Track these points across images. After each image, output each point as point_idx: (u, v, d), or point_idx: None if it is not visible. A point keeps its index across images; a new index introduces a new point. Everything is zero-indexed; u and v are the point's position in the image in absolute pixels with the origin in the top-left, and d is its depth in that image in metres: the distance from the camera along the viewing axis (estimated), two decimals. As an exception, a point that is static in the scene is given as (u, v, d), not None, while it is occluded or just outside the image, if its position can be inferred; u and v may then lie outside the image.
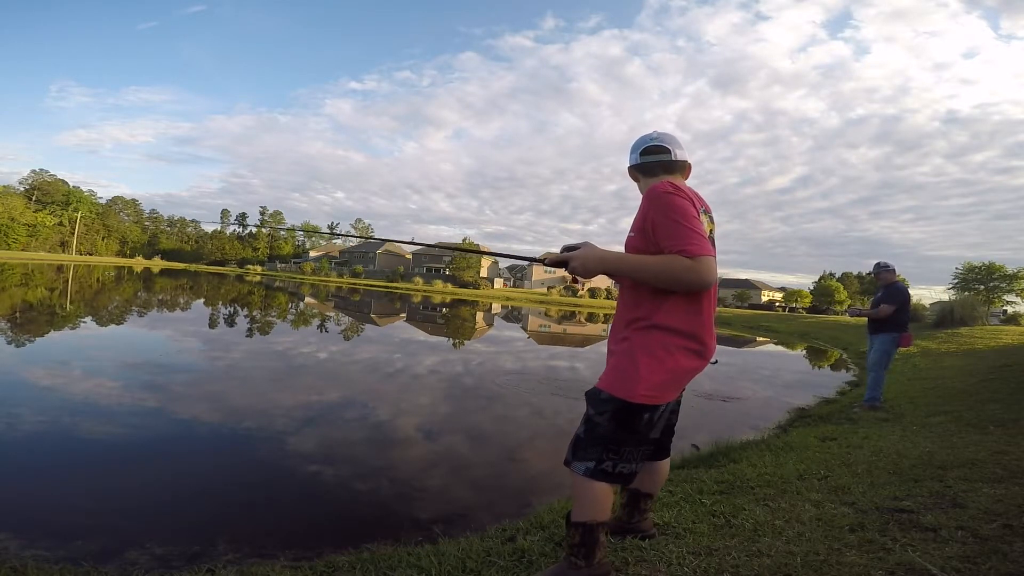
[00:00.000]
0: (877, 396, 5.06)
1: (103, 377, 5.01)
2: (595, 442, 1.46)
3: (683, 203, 1.40)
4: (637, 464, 1.49)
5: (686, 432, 4.24)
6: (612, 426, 1.44)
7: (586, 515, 1.46)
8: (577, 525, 1.47)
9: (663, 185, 1.44)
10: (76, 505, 2.50)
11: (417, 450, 3.66)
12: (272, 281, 42.78)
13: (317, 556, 1.91)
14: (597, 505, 1.46)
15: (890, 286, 5.17)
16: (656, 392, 1.44)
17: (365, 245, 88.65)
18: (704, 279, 1.34)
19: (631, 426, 1.45)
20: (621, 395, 1.43)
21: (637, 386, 1.42)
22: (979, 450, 2.92)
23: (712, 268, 1.35)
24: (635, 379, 1.43)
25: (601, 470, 1.45)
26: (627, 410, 1.43)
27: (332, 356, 7.56)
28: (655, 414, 1.47)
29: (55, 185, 78.23)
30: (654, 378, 1.43)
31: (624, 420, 1.44)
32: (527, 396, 5.59)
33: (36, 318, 9.54)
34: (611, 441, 1.44)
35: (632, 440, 1.46)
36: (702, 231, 1.38)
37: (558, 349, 11.31)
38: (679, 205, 1.39)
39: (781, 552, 1.67)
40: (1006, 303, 37.90)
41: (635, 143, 1.65)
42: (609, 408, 1.44)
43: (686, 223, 1.36)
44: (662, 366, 1.43)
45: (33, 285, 17.81)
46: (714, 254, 1.38)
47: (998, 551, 1.57)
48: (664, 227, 1.38)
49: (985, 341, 10.66)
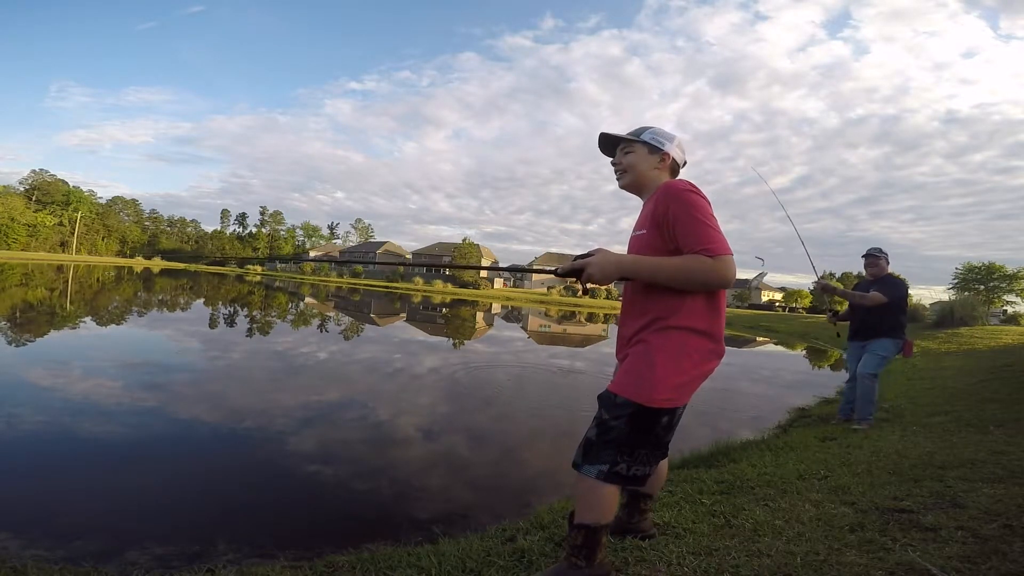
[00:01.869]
0: (872, 410, 4.22)
1: (103, 377, 5.01)
2: (609, 445, 1.41)
3: (704, 202, 1.41)
4: (651, 467, 1.46)
5: (686, 432, 4.24)
6: (628, 430, 1.40)
7: (591, 517, 1.43)
8: (581, 527, 1.44)
9: (683, 183, 1.45)
10: (76, 505, 2.50)
11: (417, 450, 3.66)
12: (272, 281, 42.80)
13: (317, 556, 1.91)
14: (604, 508, 1.44)
15: (884, 279, 4.26)
16: (675, 395, 1.41)
17: (365, 245, 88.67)
18: (727, 278, 1.34)
19: (649, 430, 1.41)
20: (639, 400, 1.39)
21: (656, 390, 1.39)
22: (979, 450, 2.92)
23: (733, 267, 1.35)
24: (653, 382, 1.39)
25: (615, 472, 1.41)
26: (645, 414, 1.40)
27: (332, 356, 7.56)
28: (673, 417, 1.45)
29: (55, 185, 78.25)
30: (673, 380, 1.40)
31: (641, 424, 1.41)
32: (527, 396, 5.59)
33: (36, 318, 9.54)
34: (626, 444, 1.41)
35: (649, 443, 1.43)
36: (720, 229, 1.38)
37: (558, 349, 11.30)
38: (698, 203, 1.39)
39: (781, 552, 1.67)
40: (1006, 303, 37.87)
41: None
42: (626, 412, 1.40)
43: (708, 222, 1.37)
44: (681, 368, 1.41)
45: (33, 285, 17.81)
46: (732, 253, 1.38)
47: (998, 551, 1.57)
48: (685, 225, 1.37)
49: (985, 341, 10.67)
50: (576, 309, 34.28)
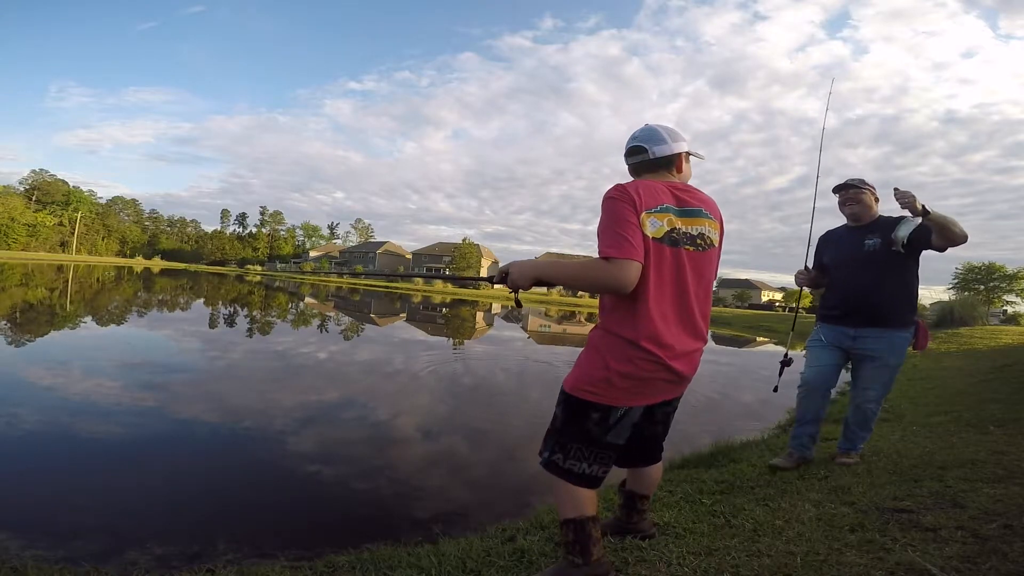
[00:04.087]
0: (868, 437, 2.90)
1: (103, 377, 5.01)
2: (550, 434, 1.52)
3: (618, 207, 1.37)
4: (591, 466, 1.45)
5: (686, 431, 4.25)
6: (562, 418, 1.49)
7: (571, 511, 1.46)
8: (567, 523, 1.47)
9: (611, 190, 1.43)
10: (76, 505, 2.50)
11: (417, 449, 3.66)
12: (272, 281, 42.77)
13: (317, 556, 1.91)
14: (575, 500, 1.46)
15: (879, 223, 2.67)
16: (596, 389, 1.42)
17: (365, 244, 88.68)
18: (620, 281, 1.31)
19: (578, 423, 1.46)
20: (567, 387, 1.50)
21: (579, 380, 1.46)
22: (979, 450, 2.92)
23: (629, 271, 1.30)
24: (577, 373, 1.48)
25: (552, 462, 1.48)
26: (570, 403, 1.48)
27: (332, 356, 7.56)
28: (609, 416, 1.44)
29: (55, 185, 78.28)
30: (593, 374, 1.44)
31: (571, 414, 1.47)
32: (527, 395, 5.59)
33: (36, 318, 9.54)
34: (561, 434, 1.48)
35: (580, 438, 1.45)
36: (630, 233, 1.33)
37: (559, 349, 11.29)
38: (612, 209, 1.38)
39: (781, 552, 1.67)
40: (1006, 303, 37.86)
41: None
42: (561, 400, 1.51)
43: (614, 227, 1.35)
44: (603, 363, 1.42)
45: (33, 285, 17.81)
46: (638, 258, 1.32)
47: (998, 551, 1.57)
48: (599, 231, 1.39)
49: (985, 341, 10.66)
50: (576, 309, 34.27)
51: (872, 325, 2.61)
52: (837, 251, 2.79)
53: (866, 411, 2.75)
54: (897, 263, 2.56)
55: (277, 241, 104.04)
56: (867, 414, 2.76)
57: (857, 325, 2.65)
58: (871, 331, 2.62)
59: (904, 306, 2.62)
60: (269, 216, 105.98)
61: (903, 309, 2.61)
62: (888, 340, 2.60)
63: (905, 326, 2.61)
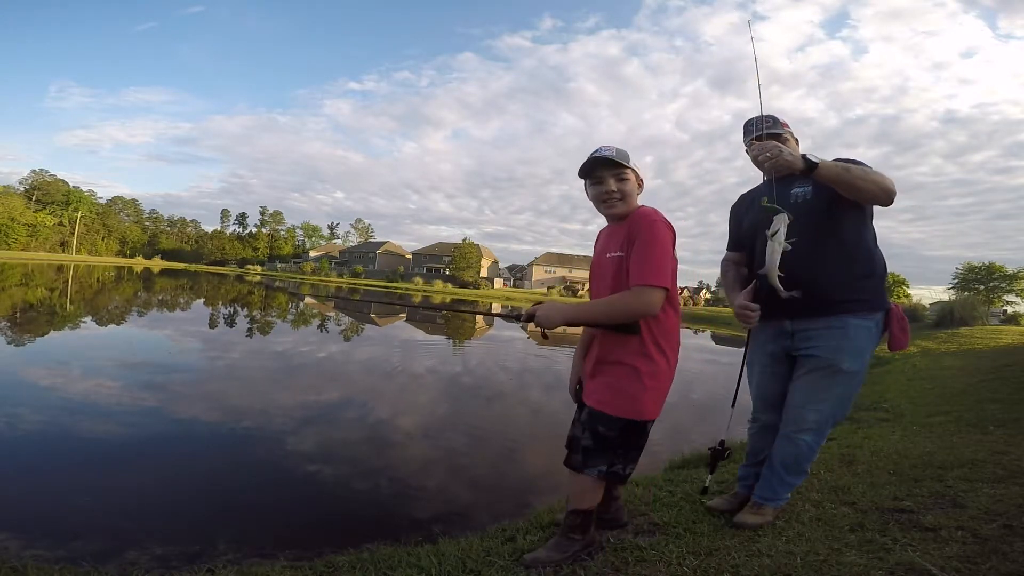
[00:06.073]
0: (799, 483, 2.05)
1: (103, 377, 5.01)
2: (606, 451, 1.64)
3: (670, 238, 1.62)
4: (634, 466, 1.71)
5: (686, 431, 4.24)
6: (622, 439, 1.63)
7: (586, 505, 1.70)
8: (579, 512, 1.70)
9: (662, 217, 1.62)
10: (76, 505, 2.50)
11: (417, 450, 3.66)
12: (272, 281, 42.77)
13: (317, 556, 1.91)
14: (597, 495, 1.72)
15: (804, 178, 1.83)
16: (657, 408, 1.66)
17: (365, 244, 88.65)
18: (655, 308, 1.54)
19: (640, 437, 1.66)
20: (632, 416, 1.61)
21: (646, 407, 1.61)
22: (979, 450, 2.92)
23: (662, 297, 1.55)
24: (642, 401, 1.61)
25: (613, 472, 1.65)
26: (637, 427, 1.63)
27: (331, 356, 7.56)
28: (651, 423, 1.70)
29: (55, 185, 78.25)
30: (661, 398, 1.65)
31: (634, 434, 1.64)
32: (527, 395, 5.59)
33: (36, 318, 9.54)
34: (621, 448, 1.64)
35: (639, 446, 1.68)
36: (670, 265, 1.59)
37: (559, 349, 11.29)
38: (666, 240, 1.59)
39: (781, 552, 1.67)
40: (1006, 303, 37.84)
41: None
42: (618, 426, 1.61)
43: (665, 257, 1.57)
44: (662, 384, 1.65)
45: (33, 285, 17.80)
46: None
47: (998, 551, 1.57)
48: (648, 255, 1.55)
49: (985, 341, 10.65)
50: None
51: (812, 312, 1.81)
52: (756, 214, 1.95)
53: (798, 445, 1.87)
54: (843, 215, 1.78)
55: (277, 241, 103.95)
56: (800, 449, 1.88)
57: (793, 314, 1.85)
58: (812, 321, 1.82)
59: (859, 279, 1.79)
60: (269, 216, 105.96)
61: (858, 284, 1.79)
62: (838, 333, 1.78)
63: (864, 311, 1.78)
